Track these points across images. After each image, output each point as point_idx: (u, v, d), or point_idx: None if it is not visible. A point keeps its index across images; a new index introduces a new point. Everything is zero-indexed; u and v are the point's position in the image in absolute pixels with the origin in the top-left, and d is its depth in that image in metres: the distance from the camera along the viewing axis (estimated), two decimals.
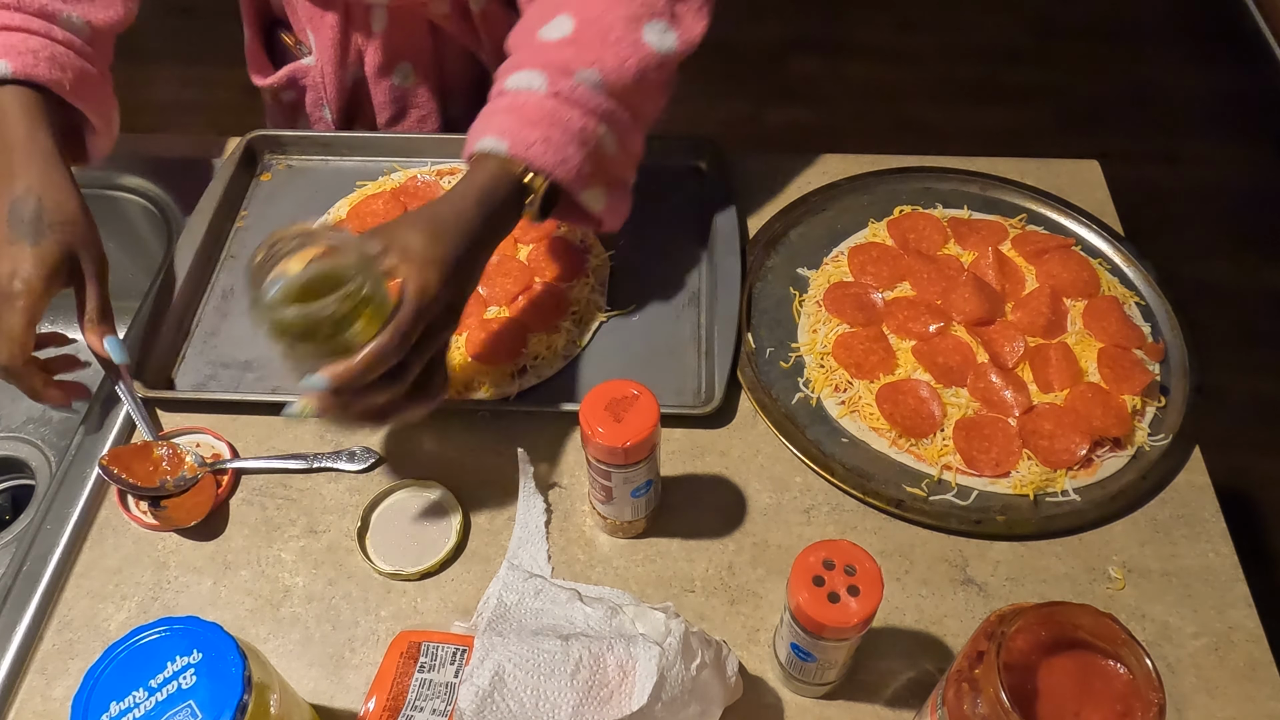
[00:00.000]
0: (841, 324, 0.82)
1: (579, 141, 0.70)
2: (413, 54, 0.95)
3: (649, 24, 0.73)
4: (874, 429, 0.76)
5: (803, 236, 0.91)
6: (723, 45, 2.62)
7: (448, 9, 0.90)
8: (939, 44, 2.61)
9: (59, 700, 0.65)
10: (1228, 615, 0.67)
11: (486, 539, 0.72)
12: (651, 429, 0.61)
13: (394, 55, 0.95)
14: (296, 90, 1.00)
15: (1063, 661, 0.49)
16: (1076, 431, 0.74)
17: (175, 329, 0.84)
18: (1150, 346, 0.80)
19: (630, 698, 0.55)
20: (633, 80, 0.72)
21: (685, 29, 0.75)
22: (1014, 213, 0.92)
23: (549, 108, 0.70)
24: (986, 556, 0.70)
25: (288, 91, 1.00)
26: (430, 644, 0.62)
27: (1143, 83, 2.48)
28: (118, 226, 0.99)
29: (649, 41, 0.73)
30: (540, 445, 0.77)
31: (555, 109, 0.70)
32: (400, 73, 0.96)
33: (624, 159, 0.76)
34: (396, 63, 0.95)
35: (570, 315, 0.84)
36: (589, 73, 0.71)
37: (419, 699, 0.59)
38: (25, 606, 0.68)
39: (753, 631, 0.67)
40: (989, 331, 0.81)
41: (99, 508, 0.74)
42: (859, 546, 0.56)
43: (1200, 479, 0.74)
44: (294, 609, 0.68)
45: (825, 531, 0.72)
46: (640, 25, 0.73)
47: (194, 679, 0.49)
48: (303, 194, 0.95)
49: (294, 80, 0.99)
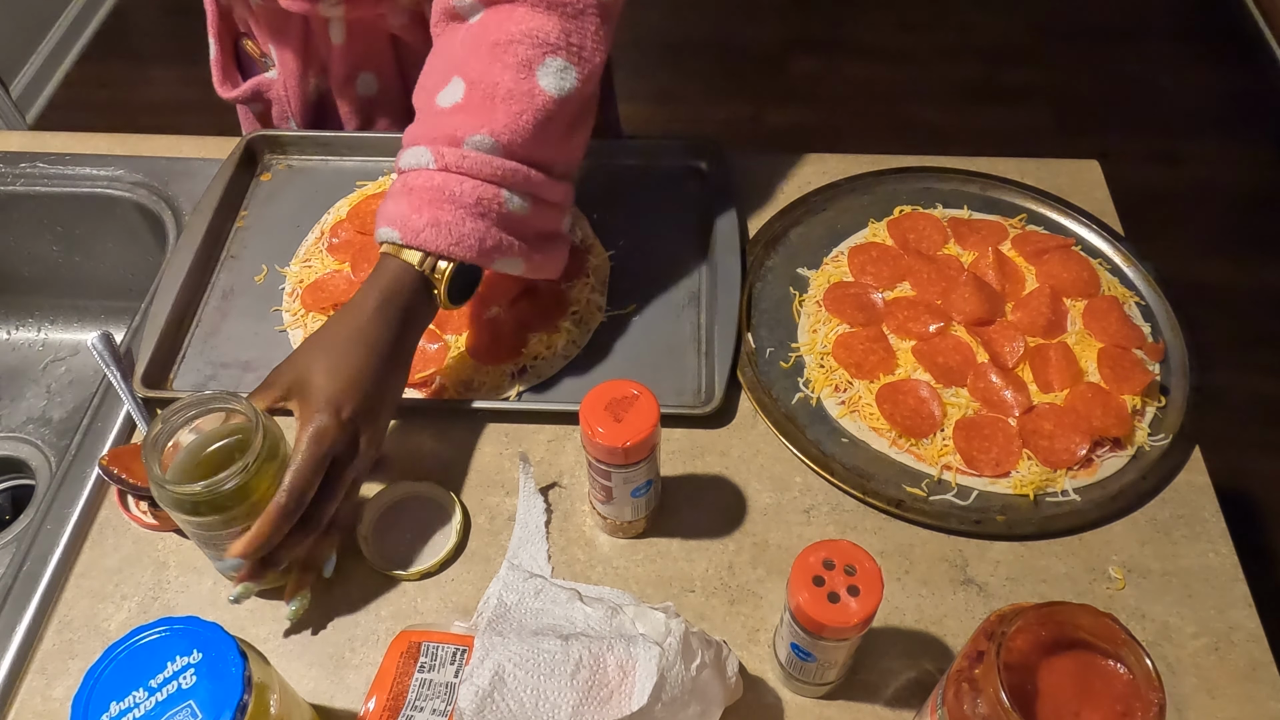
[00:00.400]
0: (841, 324, 0.82)
1: (476, 215, 0.68)
2: (375, 64, 0.93)
3: (543, 65, 0.68)
4: (874, 429, 0.76)
5: (803, 236, 0.91)
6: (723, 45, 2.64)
7: (406, 19, 0.89)
8: (939, 44, 2.61)
9: (59, 700, 0.65)
10: (1228, 615, 0.67)
11: (486, 539, 0.72)
12: (651, 429, 0.61)
13: (355, 66, 0.93)
14: (262, 103, 0.99)
15: (1063, 661, 0.49)
16: (1076, 431, 0.74)
17: (175, 329, 0.84)
18: (1150, 346, 0.80)
19: (630, 698, 0.55)
20: (532, 134, 0.69)
21: (585, 61, 0.70)
22: (1014, 213, 0.92)
23: (437, 184, 0.67)
24: (986, 556, 0.70)
25: (255, 104, 1.00)
26: (430, 644, 0.62)
27: (1143, 83, 2.48)
28: (118, 226, 0.99)
29: (545, 87, 0.69)
30: (540, 445, 0.77)
31: (444, 185, 0.67)
32: (364, 83, 0.95)
33: (544, 214, 0.73)
34: (359, 73, 0.94)
35: (570, 315, 0.84)
36: (479, 138, 0.68)
37: (419, 699, 0.59)
38: (25, 606, 0.68)
39: (753, 631, 0.67)
40: (989, 331, 0.81)
41: (99, 508, 0.74)
42: (859, 546, 0.56)
43: (1200, 479, 0.74)
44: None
45: (825, 531, 0.72)
46: (533, 71, 0.68)
47: (194, 679, 0.49)
48: (303, 194, 0.95)
49: (259, 93, 0.98)
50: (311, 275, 0.87)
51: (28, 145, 1.01)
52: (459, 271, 0.69)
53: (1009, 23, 2.65)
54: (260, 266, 0.89)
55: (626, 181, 0.95)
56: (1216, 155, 2.31)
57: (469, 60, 0.70)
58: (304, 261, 0.89)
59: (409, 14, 0.89)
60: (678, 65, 2.55)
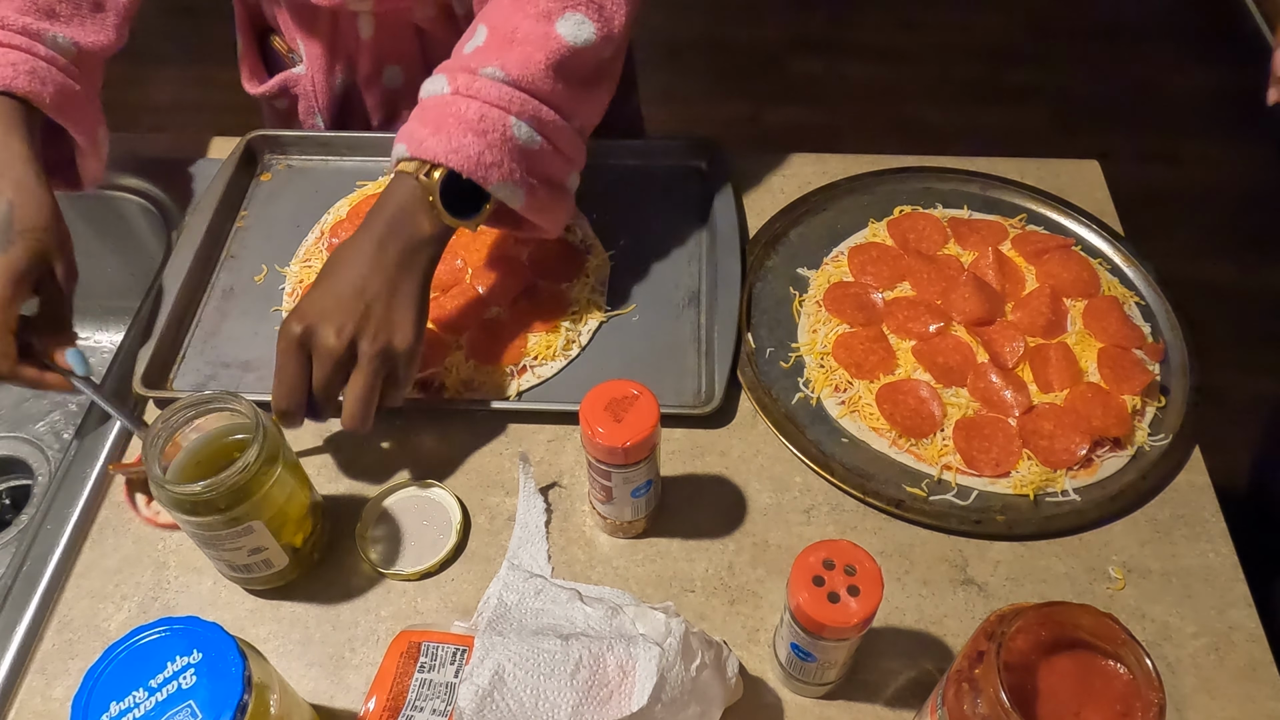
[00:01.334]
0: (841, 324, 0.82)
1: (476, 131, 0.70)
2: (401, 57, 0.95)
3: (563, 17, 0.73)
4: (874, 429, 0.76)
5: (803, 236, 0.91)
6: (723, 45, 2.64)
7: (434, 12, 0.90)
8: (939, 44, 2.61)
9: (59, 700, 0.65)
10: (1228, 615, 0.67)
11: (486, 539, 0.72)
12: (651, 429, 0.61)
13: (382, 59, 0.95)
14: (289, 98, 1.00)
15: (1063, 661, 0.49)
16: (1076, 431, 0.74)
17: (175, 329, 0.84)
18: (1150, 346, 0.80)
19: (630, 698, 0.55)
20: (543, 72, 0.72)
21: (605, 19, 0.74)
22: (1014, 213, 0.92)
23: (446, 103, 0.71)
24: (986, 556, 0.70)
25: (280, 99, 1.01)
26: (430, 644, 0.62)
27: (1143, 83, 2.48)
28: (117, 226, 0.99)
29: (561, 33, 0.72)
30: (540, 445, 0.77)
31: (451, 102, 0.70)
32: (390, 75, 0.96)
33: (552, 157, 0.74)
34: (385, 66, 0.95)
35: (570, 315, 0.84)
36: (491, 69, 0.71)
37: (419, 699, 0.59)
38: (25, 606, 0.68)
39: (753, 631, 0.67)
40: (989, 331, 0.81)
41: (99, 508, 0.74)
42: (859, 546, 0.56)
43: (1200, 479, 0.74)
44: (294, 609, 0.68)
45: (825, 531, 0.72)
46: (552, 20, 0.72)
47: (194, 679, 0.49)
48: (303, 194, 0.95)
49: (286, 89, 0.99)
50: (311, 275, 0.87)
51: None
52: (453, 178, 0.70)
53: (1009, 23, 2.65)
54: (260, 266, 0.89)
55: (626, 181, 0.95)
56: (1216, 155, 2.31)
57: (494, 10, 0.75)
58: (304, 261, 0.89)
59: (436, 6, 0.90)
60: (678, 65, 2.55)
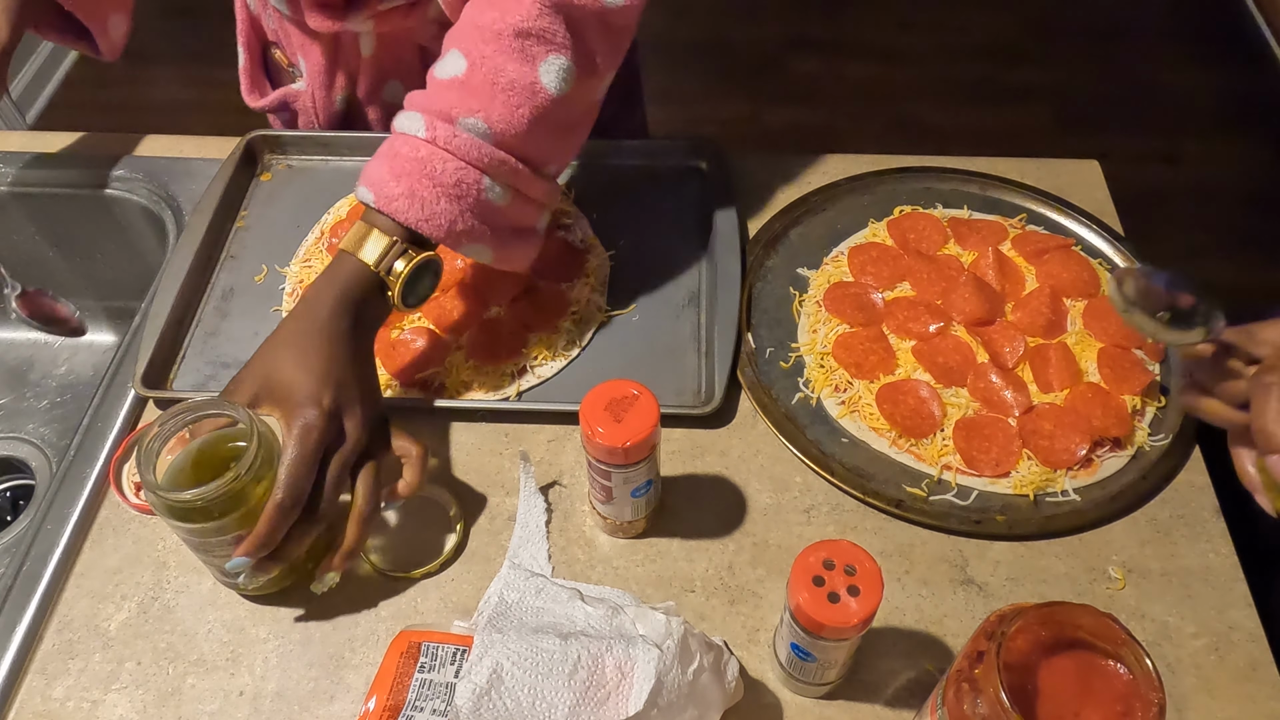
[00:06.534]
0: (841, 324, 0.82)
1: (453, 196, 0.67)
2: (401, 73, 0.94)
3: (546, 62, 0.68)
4: (874, 429, 0.76)
5: (803, 236, 0.91)
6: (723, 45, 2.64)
7: (435, 30, 0.89)
8: (939, 44, 2.61)
9: (59, 700, 0.65)
10: (1228, 615, 0.67)
11: (486, 539, 0.72)
12: (651, 429, 0.61)
13: (383, 75, 0.94)
14: (289, 113, 1.00)
15: (1063, 661, 0.49)
16: (1076, 431, 0.74)
17: (175, 329, 0.83)
18: (1150, 346, 0.80)
19: (627, 700, 0.55)
20: (527, 129, 0.68)
21: (588, 69, 0.70)
22: (1014, 213, 0.92)
23: (422, 156, 0.67)
24: (986, 556, 0.70)
25: (281, 113, 1.00)
26: (430, 644, 0.62)
27: (1143, 83, 2.48)
28: (118, 226, 0.99)
29: (546, 84, 0.68)
30: (540, 445, 0.77)
31: (428, 159, 0.67)
32: (390, 91, 0.95)
33: (522, 208, 0.72)
34: (386, 82, 0.95)
35: (570, 315, 0.84)
36: (473, 121, 0.67)
37: (419, 699, 0.59)
38: (25, 606, 0.68)
39: (753, 631, 0.67)
40: (989, 331, 0.81)
41: (99, 508, 0.74)
42: (859, 546, 0.56)
43: (1200, 479, 0.74)
44: (294, 609, 0.68)
45: (825, 531, 0.72)
46: (536, 64, 0.68)
47: None
48: (303, 194, 0.95)
49: (285, 103, 0.98)
50: (311, 275, 0.87)
51: (28, 145, 1.01)
52: (415, 275, 0.68)
53: (1009, 23, 2.65)
54: (260, 266, 0.89)
55: (626, 181, 0.95)
56: (1216, 155, 2.31)
57: (469, 34, 0.69)
58: (304, 261, 0.89)
59: (438, 24, 0.89)
60: (678, 65, 2.55)
